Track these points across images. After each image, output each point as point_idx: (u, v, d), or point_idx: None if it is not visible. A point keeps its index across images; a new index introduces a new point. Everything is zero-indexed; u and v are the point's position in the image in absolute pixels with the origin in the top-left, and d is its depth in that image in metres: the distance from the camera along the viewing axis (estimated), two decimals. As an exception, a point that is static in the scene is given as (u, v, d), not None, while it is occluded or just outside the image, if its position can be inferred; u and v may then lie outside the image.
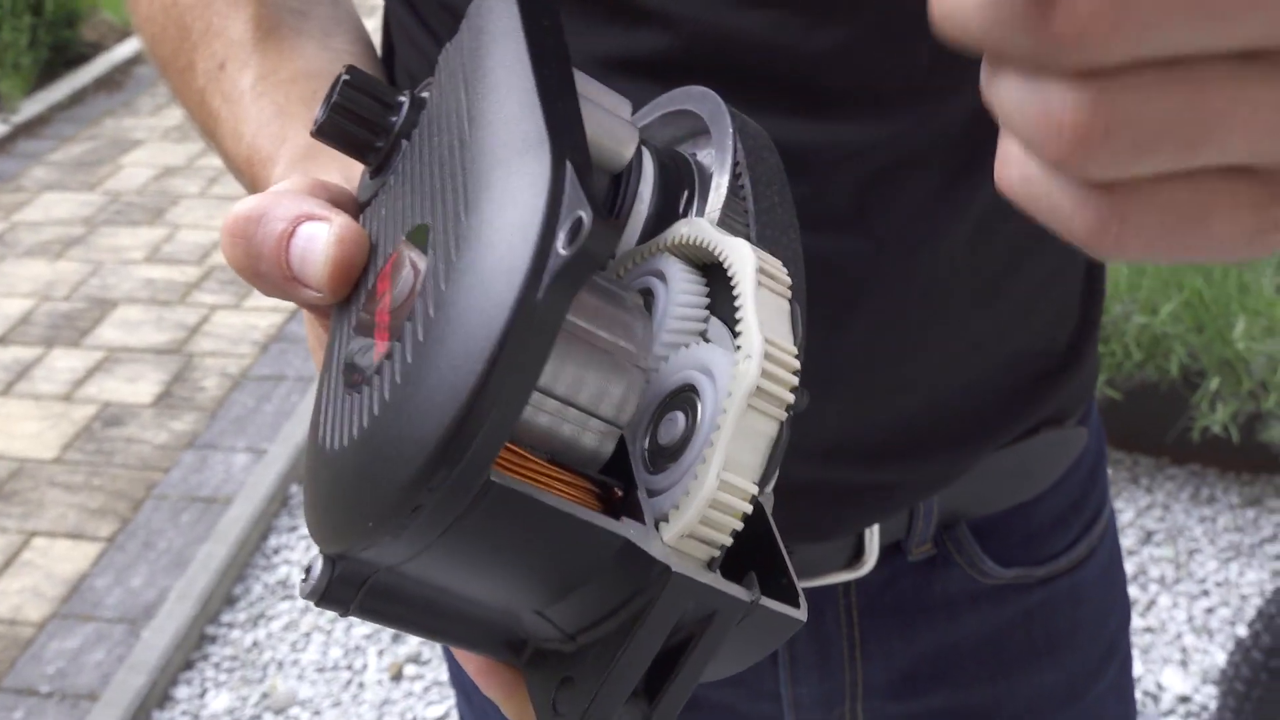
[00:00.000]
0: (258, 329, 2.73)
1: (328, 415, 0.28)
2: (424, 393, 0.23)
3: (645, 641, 0.25)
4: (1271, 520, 2.01)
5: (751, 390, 0.25)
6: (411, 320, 0.25)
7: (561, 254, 0.22)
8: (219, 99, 0.46)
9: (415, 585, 0.26)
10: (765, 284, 0.27)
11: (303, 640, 1.92)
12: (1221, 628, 1.84)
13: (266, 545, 2.11)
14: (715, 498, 0.25)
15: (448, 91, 0.30)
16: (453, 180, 0.27)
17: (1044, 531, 0.57)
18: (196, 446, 2.34)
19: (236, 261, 0.30)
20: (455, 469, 0.22)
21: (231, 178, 2.60)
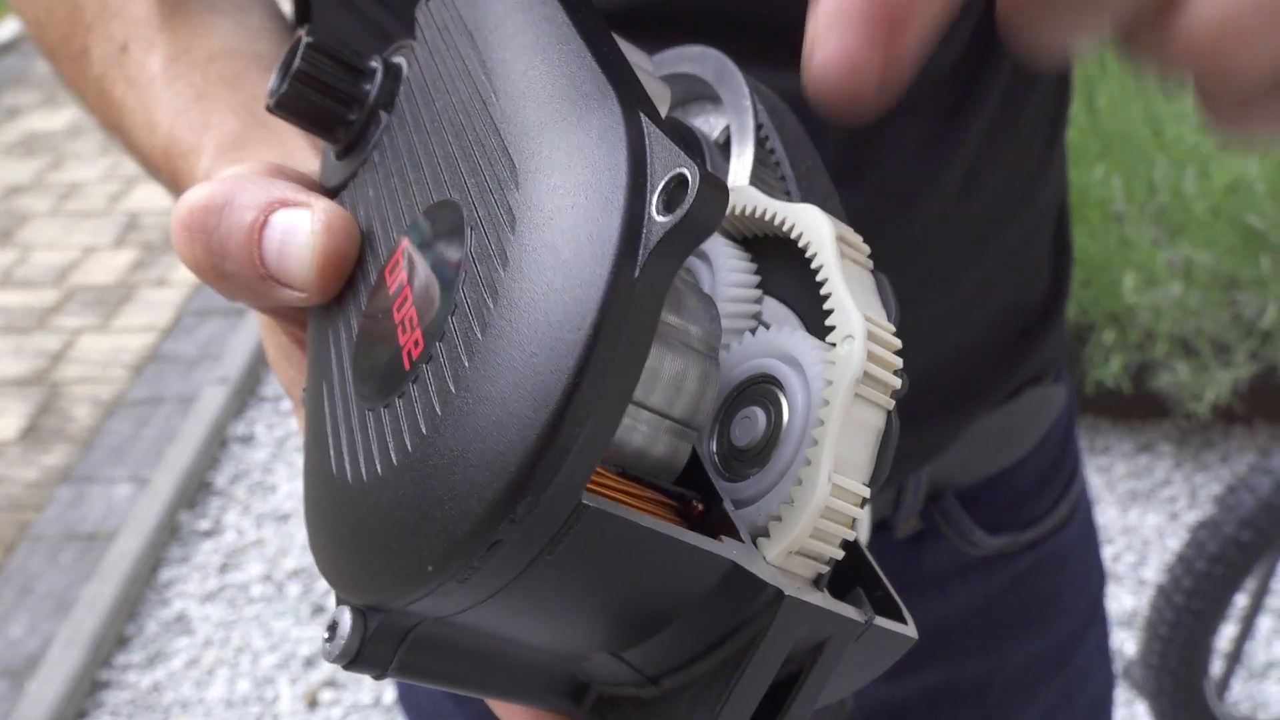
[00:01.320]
0: (128, 351, 2.57)
1: (341, 440, 0.23)
2: (494, 401, 0.18)
3: (754, 679, 0.21)
4: (1163, 465, 2.09)
5: (858, 377, 0.22)
6: (458, 315, 0.20)
7: (660, 220, 0.18)
8: (123, 85, 0.41)
9: (469, 635, 0.21)
10: (848, 254, 0.24)
11: (206, 677, 1.81)
12: (1128, 573, 1.90)
13: (158, 579, 1.99)
14: (827, 505, 0.21)
15: (442, 51, 0.26)
16: (481, 145, 0.22)
17: (1028, 494, 0.56)
18: (72, 480, 2.19)
19: (194, 260, 0.25)
20: (544, 493, 0.18)
21: (89, 191, 2.43)
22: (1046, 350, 0.54)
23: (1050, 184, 0.51)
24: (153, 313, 2.72)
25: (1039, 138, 0.49)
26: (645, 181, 0.19)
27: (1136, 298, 1.90)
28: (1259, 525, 1.27)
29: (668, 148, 0.19)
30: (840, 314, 0.23)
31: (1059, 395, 0.55)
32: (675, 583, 0.21)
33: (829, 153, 0.41)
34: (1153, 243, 1.96)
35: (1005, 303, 0.51)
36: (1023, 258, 0.51)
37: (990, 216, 0.48)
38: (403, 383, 0.21)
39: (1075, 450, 0.59)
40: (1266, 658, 1.75)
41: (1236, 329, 1.91)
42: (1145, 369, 1.96)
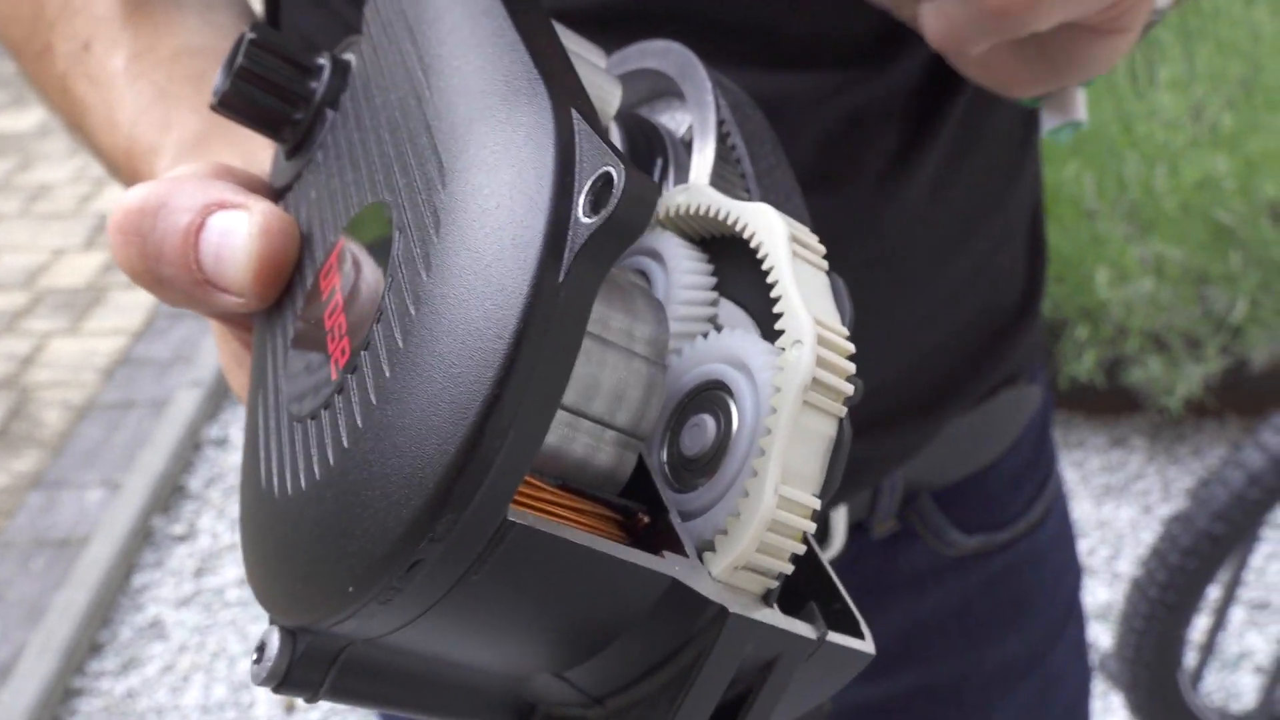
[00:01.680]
0: (99, 354, 2.54)
1: (270, 452, 0.22)
2: (414, 414, 0.18)
3: (699, 700, 0.20)
4: (1136, 459, 2.11)
5: (807, 383, 0.21)
6: (382, 322, 0.19)
7: (585, 222, 0.17)
8: (85, 84, 0.40)
9: (402, 657, 0.21)
10: (801, 254, 0.23)
11: (182, 683, 1.79)
12: (1102, 566, 1.92)
13: (131, 585, 1.97)
14: (774, 518, 0.20)
15: (385, 46, 0.25)
16: (413, 144, 0.21)
17: (1003, 494, 0.56)
18: (43, 485, 2.16)
19: (129, 265, 0.25)
20: (465, 510, 0.17)
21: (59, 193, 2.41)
22: (1022, 351, 0.54)
23: (1023, 187, 0.51)
24: (124, 315, 2.69)
25: (1010, 142, 0.49)
26: (573, 181, 0.18)
27: (1109, 293, 1.92)
28: (1231, 518, 1.28)
29: (596, 146, 0.18)
30: (789, 317, 0.22)
31: (1034, 395, 0.55)
32: (614, 600, 0.20)
33: (800, 159, 0.41)
34: (1124, 239, 1.98)
35: (979, 305, 0.51)
36: (996, 260, 0.51)
37: (962, 221, 0.48)
38: (329, 393, 0.20)
39: (1051, 450, 0.59)
40: (1239, 649, 1.76)
41: (1207, 324, 1.93)
42: (1118, 364, 1.98)
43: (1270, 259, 1.90)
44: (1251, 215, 1.91)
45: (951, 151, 0.45)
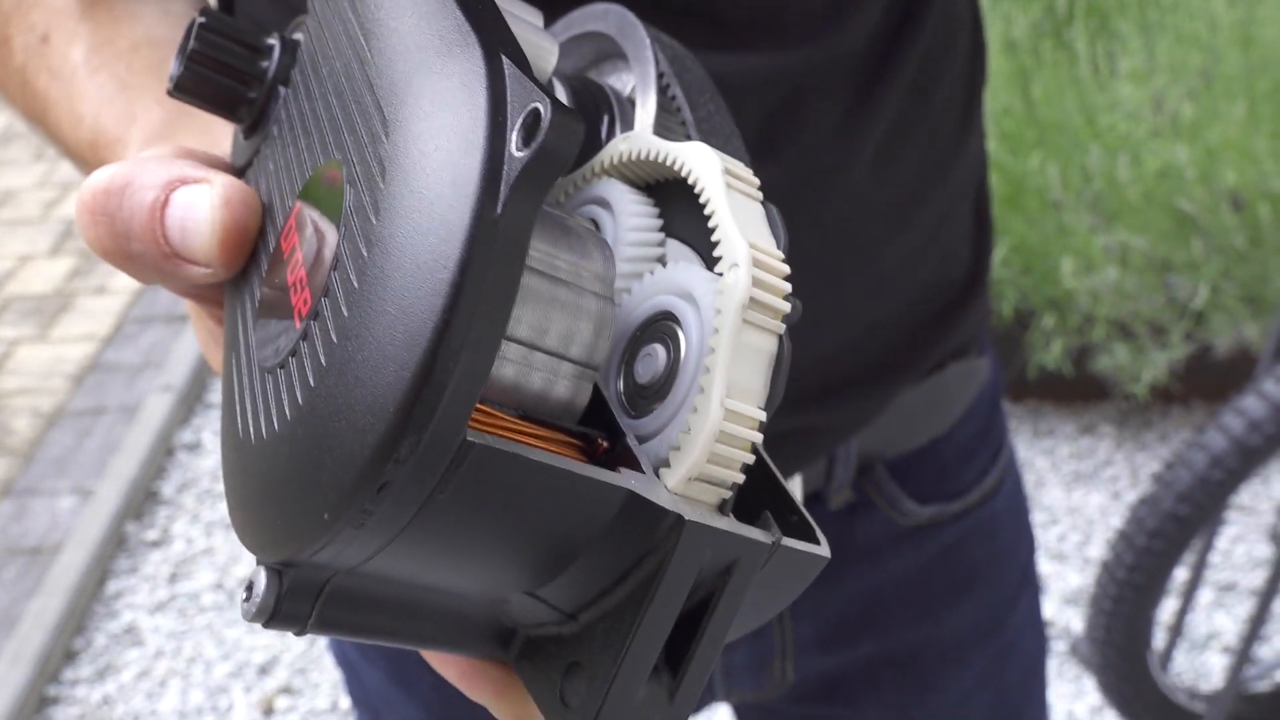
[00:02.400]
0: (68, 360, 2.53)
1: (245, 404, 0.23)
2: (371, 347, 0.19)
3: (663, 606, 0.21)
4: (1105, 445, 2.14)
5: (745, 302, 0.22)
6: (339, 269, 0.21)
7: (518, 156, 0.19)
8: (45, 77, 0.40)
9: (383, 584, 0.22)
10: (735, 186, 0.24)
11: (158, 688, 1.79)
12: (1073, 552, 1.94)
13: (105, 592, 1.95)
14: (721, 429, 0.22)
15: (328, 19, 0.26)
16: (358, 104, 0.23)
17: (956, 464, 0.57)
18: (14, 494, 2.14)
19: (100, 244, 0.25)
20: (425, 432, 0.18)
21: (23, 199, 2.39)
22: (970, 325, 0.55)
23: (966, 162, 0.53)
24: (92, 321, 2.67)
25: (952, 117, 0.51)
26: (505, 120, 0.19)
27: (1075, 283, 1.94)
28: (1195, 500, 1.30)
29: (525, 86, 0.19)
30: (725, 243, 0.23)
31: (983, 368, 0.57)
32: (576, 515, 0.21)
33: (746, 130, 0.42)
34: (1089, 229, 2.00)
35: (926, 279, 0.52)
36: (942, 235, 0.52)
37: (907, 194, 0.49)
38: (295, 341, 0.21)
39: (1002, 422, 0.60)
40: (1208, 629, 1.79)
41: (1171, 311, 1.96)
42: (1085, 352, 2.01)
43: (1231, 246, 1.93)
44: (1212, 204, 1.95)
45: (894, 126, 0.46)
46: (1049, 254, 1.99)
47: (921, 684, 0.59)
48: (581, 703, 0.22)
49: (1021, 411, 2.20)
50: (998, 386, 0.61)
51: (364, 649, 0.59)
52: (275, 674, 1.80)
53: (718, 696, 0.58)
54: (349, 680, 0.63)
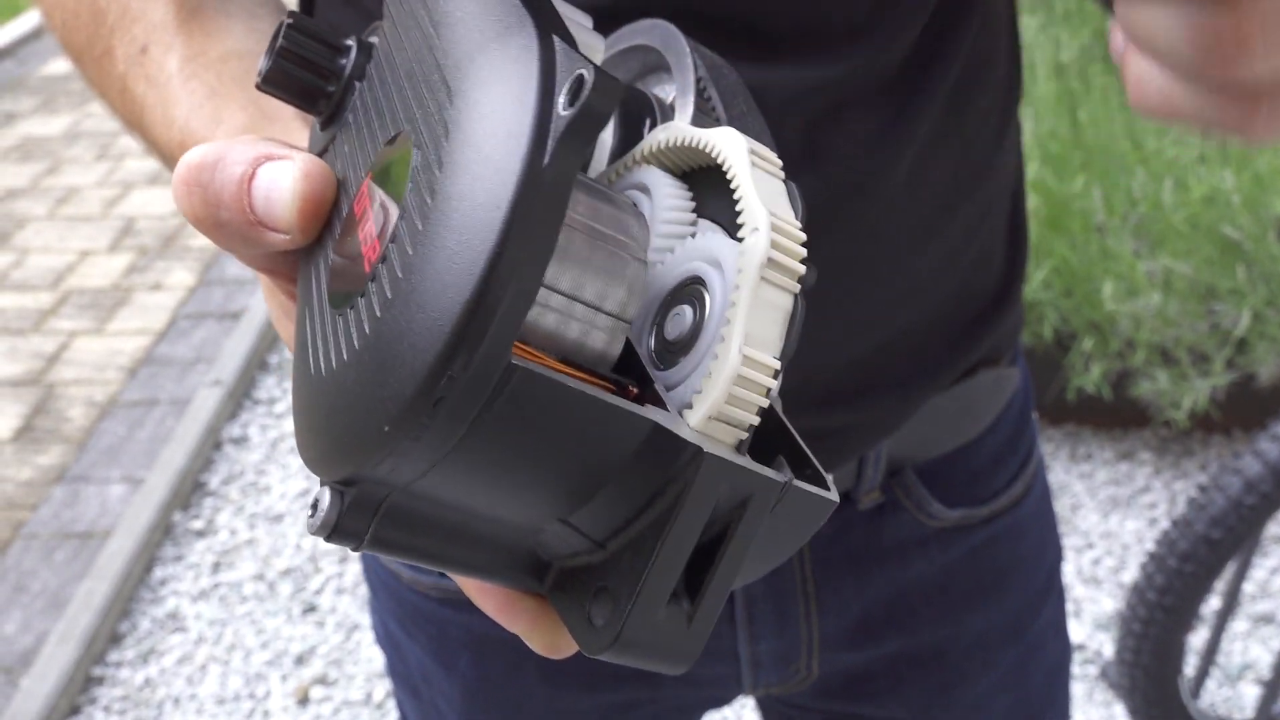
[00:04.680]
0: (123, 353, 2.60)
1: (316, 344, 0.26)
2: (432, 278, 0.21)
3: (682, 532, 0.23)
4: (1143, 472, 2.13)
5: (763, 262, 0.24)
6: (405, 218, 0.23)
7: (563, 114, 0.21)
8: (143, 84, 0.44)
9: (433, 506, 0.24)
10: (759, 164, 0.27)
11: (198, 673, 1.83)
12: (1108, 577, 1.93)
13: (151, 578, 2.01)
14: (739, 373, 0.24)
15: (403, 19, 0.29)
16: (426, 82, 0.25)
17: (984, 471, 0.58)
18: (67, 480, 2.21)
19: (193, 212, 0.28)
20: (476, 352, 0.21)
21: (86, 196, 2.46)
22: (1001, 333, 0.56)
23: (1001, 174, 0.54)
24: (147, 316, 2.74)
25: (988, 129, 0.52)
26: (553, 85, 0.22)
27: (1117, 307, 1.94)
28: (1228, 524, 1.30)
29: (572, 57, 0.22)
30: (747, 211, 0.26)
31: (1013, 377, 0.58)
32: (606, 443, 0.23)
33: (787, 140, 0.45)
34: (1133, 253, 2.00)
35: (957, 289, 0.53)
36: (975, 244, 0.54)
37: (941, 203, 0.50)
38: (364, 284, 0.24)
39: (1032, 431, 0.62)
40: (1242, 660, 1.78)
41: (1214, 338, 1.95)
42: (1125, 377, 2.00)
43: (1276, 274, 1.92)
44: (1259, 231, 1.93)
45: (930, 137, 0.48)
46: (1091, 277, 1.99)
47: (944, 683, 0.60)
48: (607, 622, 0.24)
49: (1060, 435, 2.19)
50: (1029, 395, 0.62)
51: (407, 627, 0.61)
52: (311, 664, 1.84)
53: (744, 690, 0.60)
54: (390, 657, 0.66)
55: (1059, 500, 2.08)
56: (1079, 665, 1.78)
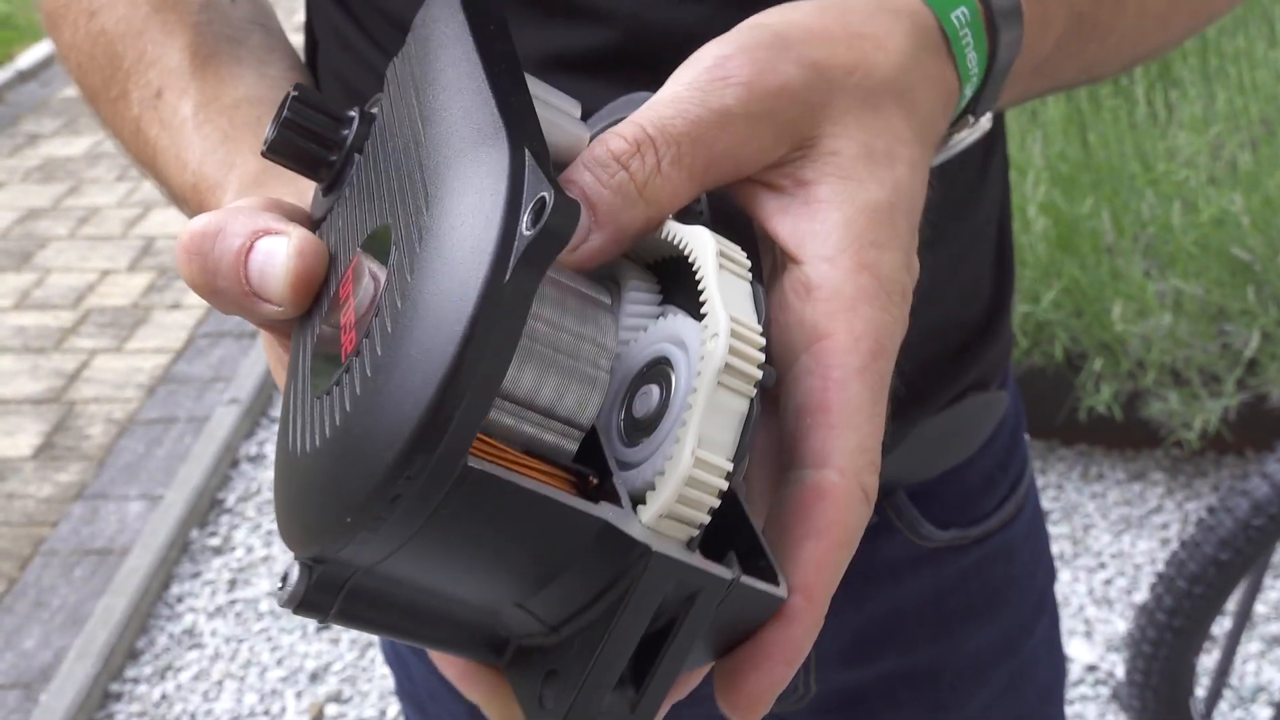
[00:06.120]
0: (142, 371, 2.63)
1: (296, 421, 0.27)
2: (396, 381, 0.23)
3: (629, 625, 0.25)
4: (1155, 492, 2.12)
5: (720, 367, 0.25)
6: (379, 315, 0.25)
7: (526, 234, 0.23)
8: (157, 127, 0.46)
9: (395, 586, 0.26)
10: (726, 266, 0.28)
11: (215, 689, 1.85)
12: (1120, 597, 1.93)
13: (169, 594, 2.03)
14: (691, 475, 0.25)
15: (398, 101, 0.31)
16: (410, 180, 0.27)
17: (976, 492, 0.59)
18: (86, 497, 2.24)
19: (192, 279, 0.30)
20: (433, 455, 0.22)
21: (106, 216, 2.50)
22: (988, 361, 0.57)
23: (985, 206, 0.55)
24: (166, 335, 2.78)
25: (973, 158, 0.53)
26: (520, 204, 0.23)
27: (1127, 327, 1.94)
28: (1237, 546, 1.30)
29: (538, 178, 0.24)
30: (710, 315, 0.26)
31: (1003, 400, 0.59)
32: (559, 538, 0.25)
33: None
34: (1143, 274, 2.01)
35: (943, 318, 0.54)
36: (961, 273, 0.55)
37: (926, 234, 0.52)
38: (340, 372, 0.26)
39: (1024, 452, 0.63)
40: (1255, 682, 1.77)
41: (1225, 359, 1.95)
42: (1136, 397, 2.00)
43: (1287, 295, 1.92)
44: (1269, 252, 1.94)
45: None
46: (1101, 298, 1.99)
47: (939, 701, 0.61)
48: (554, 705, 0.25)
49: (1071, 455, 2.19)
50: (1020, 417, 0.63)
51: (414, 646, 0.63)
52: (326, 681, 1.86)
53: (744, 707, 0.61)
54: (398, 676, 0.67)
55: (1071, 520, 2.08)
56: (1091, 686, 1.78)
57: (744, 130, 0.29)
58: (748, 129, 0.29)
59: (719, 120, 0.29)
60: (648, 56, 0.44)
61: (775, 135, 0.29)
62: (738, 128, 0.29)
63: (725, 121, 0.29)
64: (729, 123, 0.29)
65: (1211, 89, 2.25)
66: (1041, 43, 0.38)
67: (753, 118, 0.29)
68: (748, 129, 0.29)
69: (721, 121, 0.29)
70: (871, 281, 0.29)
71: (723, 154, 0.29)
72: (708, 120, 0.29)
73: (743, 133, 0.29)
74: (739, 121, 0.29)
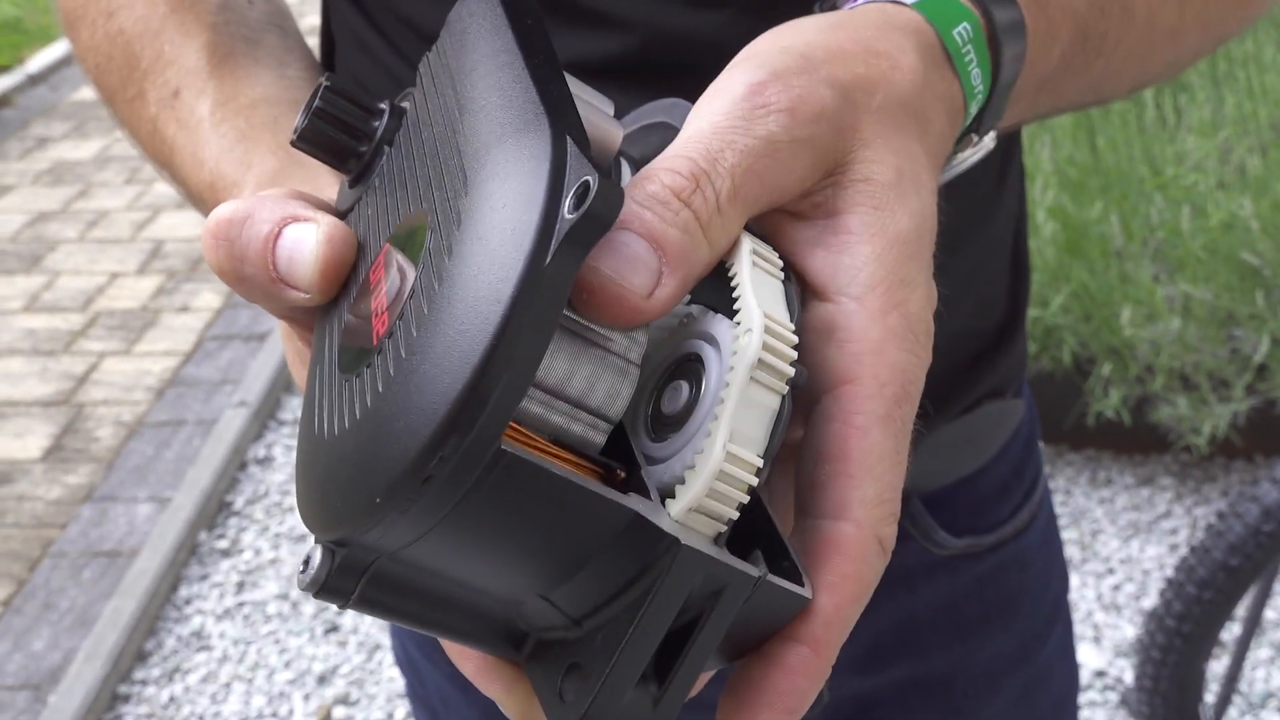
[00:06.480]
0: (151, 374, 2.64)
1: (323, 405, 0.27)
2: (432, 362, 0.23)
3: (655, 618, 0.24)
4: (1164, 498, 2.12)
5: (753, 362, 0.25)
6: (414, 298, 0.25)
7: (568, 218, 0.22)
8: (174, 126, 0.46)
9: (418, 573, 0.25)
10: (759, 264, 0.28)
11: (223, 691, 1.85)
12: (1128, 603, 1.93)
13: (177, 597, 2.03)
14: (722, 469, 0.24)
15: (432, 94, 0.30)
16: (447, 166, 0.27)
17: (990, 500, 0.59)
18: (94, 499, 2.24)
19: (219, 265, 0.30)
20: (468, 436, 0.22)
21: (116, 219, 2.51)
22: (1004, 370, 0.57)
23: (1002, 217, 0.55)
24: (175, 337, 2.79)
25: (989, 171, 0.53)
26: (561, 187, 0.23)
27: (1136, 332, 1.94)
28: (1246, 551, 1.30)
29: (581, 162, 0.23)
30: (743, 311, 0.26)
31: (1018, 408, 0.59)
32: (587, 527, 0.24)
33: None
34: (1152, 279, 2.00)
35: (959, 328, 0.54)
36: (977, 284, 0.55)
37: (940, 249, 0.52)
38: (371, 356, 0.25)
39: (1038, 461, 0.63)
40: (1266, 688, 1.76)
41: (1234, 364, 1.95)
42: (1145, 402, 2.00)
43: (1297, 300, 1.92)
44: (1278, 257, 1.93)
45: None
46: (1110, 302, 1.99)
47: (952, 710, 0.61)
48: (575, 699, 0.25)
49: (1080, 459, 2.19)
50: (1034, 425, 0.63)
51: (426, 650, 0.63)
52: (334, 684, 1.86)
53: (756, 712, 0.61)
54: (409, 679, 0.68)
55: (1079, 525, 2.07)
56: (1100, 692, 1.77)
57: (789, 158, 0.28)
58: (792, 156, 0.28)
59: (768, 149, 0.28)
60: (666, 64, 0.44)
61: (814, 161, 0.29)
62: (784, 156, 0.28)
63: (773, 150, 0.28)
64: (776, 151, 0.28)
65: (1220, 93, 2.25)
66: (1046, 58, 0.38)
67: (796, 144, 0.28)
68: (792, 156, 0.28)
69: (770, 150, 0.28)
70: (900, 322, 0.29)
71: (772, 183, 0.28)
72: (757, 150, 0.28)
73: (788, 161, 0.28)
74: (785, 149, 0.28)
